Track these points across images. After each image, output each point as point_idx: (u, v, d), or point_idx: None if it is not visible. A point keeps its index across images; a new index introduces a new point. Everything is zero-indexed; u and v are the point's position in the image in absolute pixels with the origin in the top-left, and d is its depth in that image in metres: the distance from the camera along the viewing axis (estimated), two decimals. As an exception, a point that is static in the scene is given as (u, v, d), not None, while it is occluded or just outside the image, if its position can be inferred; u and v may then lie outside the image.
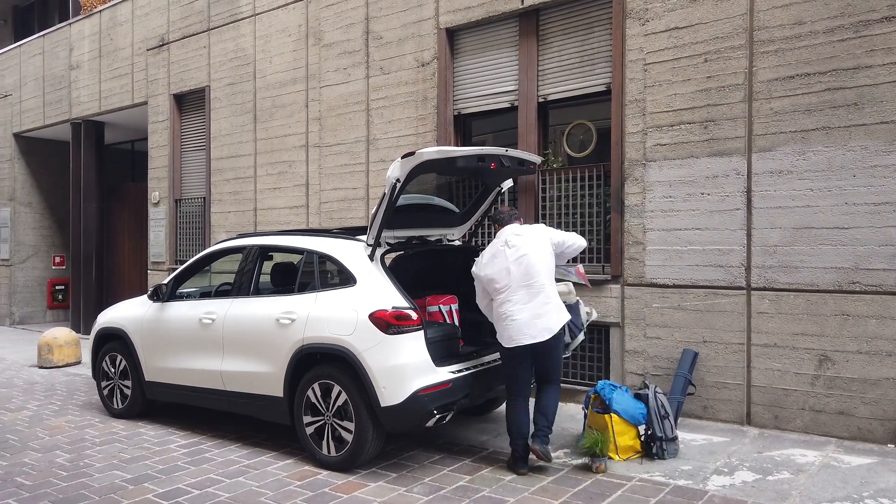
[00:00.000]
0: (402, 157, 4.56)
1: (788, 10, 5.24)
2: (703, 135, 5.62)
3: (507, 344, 4.54)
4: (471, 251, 5.82)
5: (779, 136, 5.29)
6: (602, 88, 6.28)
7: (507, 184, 5.81)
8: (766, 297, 5.35)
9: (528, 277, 4.51)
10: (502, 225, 4.76)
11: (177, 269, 6.33)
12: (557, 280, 4.83)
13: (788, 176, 5.26)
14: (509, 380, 4.68)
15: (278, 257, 5.83)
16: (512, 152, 5.20)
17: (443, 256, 5.87)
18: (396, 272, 5.02)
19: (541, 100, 6.66)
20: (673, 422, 4.81)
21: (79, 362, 9.12)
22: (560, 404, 6.20)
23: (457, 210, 5.89)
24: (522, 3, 6.62)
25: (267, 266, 5.72)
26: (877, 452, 4.77)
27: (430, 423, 4.57)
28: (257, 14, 8.99)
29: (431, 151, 4.57)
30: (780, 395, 5.30)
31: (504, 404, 5.58)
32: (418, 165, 4.56)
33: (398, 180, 4.59)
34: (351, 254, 4.95)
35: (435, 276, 5.70)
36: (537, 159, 5.62)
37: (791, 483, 4.25)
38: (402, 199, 4.87)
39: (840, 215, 5.07)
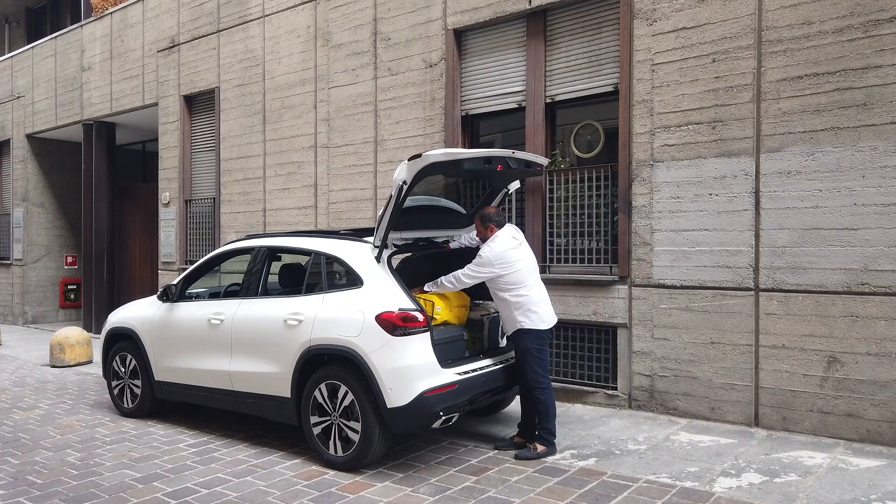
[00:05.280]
0: (409, 160, 4.58)
1: (797, 9, 5.21)
2: (711, 135, 5.60)
3: (538, 325, 4.89)
4: (476, 249, 5.83)
5: (787, 137, 5.27)
6: (610, 89, 6.27)
7: (514, 185, 5.82)
8: (774, 299, 5.33)
9: (536, 271, 5.09)
10: (500, 226, 5.04)
11: (187, 269, 6.38)
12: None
13: (797, 176, 5.23)
14: (543, 364, 4.91)
15: (286, 258, 5.87)
16: (518, 154, 5.20)
17: (449, 258, 5.87)
18: (402, 273, 5.04)
19: (548, 100, 6.65)
20: None
21: (90, 361, 9.21)
22: (567, 405, 6.25)
23: (464, 211, 5.90)
24: (530, 4, 6.61)
25: (275, 267, 5.76)
26: (886, 455, 4.74)
27: (437, 424, 4.59)
28: (266, 15, 9.03)
29: (438, 154, 4.58)
30: (789, 397, 5.28)
31: (511, 404, 5.59)
32: (425, 167, 4.57)
33: (405, 182, 4.60)
34: (358, 255, 4.98)
35: (438, 274, 5.70)
36: (544, 161, 5.62)
37: (798, 485, 4.24)
38: (409, 201, 4.89)
39: (849, 216, 5.04)
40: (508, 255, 4.88)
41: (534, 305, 4.89)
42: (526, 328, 4.87)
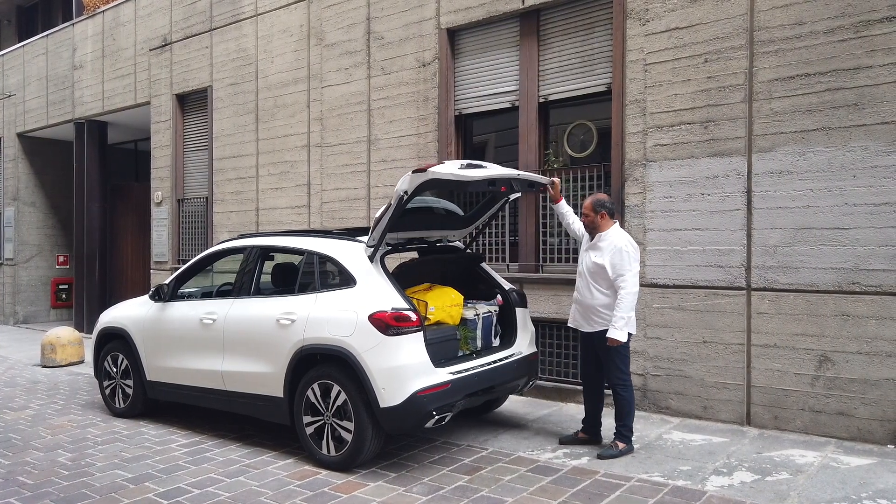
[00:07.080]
0: (413, 172, 4.52)
1: (789, 10, 5.24)
2: (704, 135, 5.62)
3: (633, 331, 4.88)
4: (474, 256, 5.83)
5: (779, 137, 5.29)
6: (603, 89, 6.28)
7: (515, 195, 5.77)
8: (766, 298, 5.35)
9: None
10: (612, 217, 4.97)
11: (179, 268, 6.36)
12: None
13: (789, 176, 5.25)
14: (628, 363, 4.93)
15: (279, 258, 5.85)
16: (523, 175, 5.13)
17: (443, 258, 5.87)
18: (404, 274, 5.01)
19: (542, 100, 6.66)
20: None
21: (81, 361, 9.16)
22: (560, 404, 6.27)
23: (461, 213, 5.88)
24: (523, 4, 6.62)
25: (268, 266, 5.74)
26: (876, 453, 4.76)
27: (430, 423, 4.58)
28: (259, 14, 9.01)
29: (443, 172, 4.48)
30: (780, 396, 5.30)
31: (502, 405, 5.59)
32: (427, 181, 4.55)
33: (405, 192, 4.57)
34: (351, 255, 4.96)
35: (434, 277, 5.70)
36: (547, 181, 5.49)
37: (790, 484, 4.26)
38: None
39: (840, 216, 5.06)
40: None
41: None
42: (630, 332, 4.88)
